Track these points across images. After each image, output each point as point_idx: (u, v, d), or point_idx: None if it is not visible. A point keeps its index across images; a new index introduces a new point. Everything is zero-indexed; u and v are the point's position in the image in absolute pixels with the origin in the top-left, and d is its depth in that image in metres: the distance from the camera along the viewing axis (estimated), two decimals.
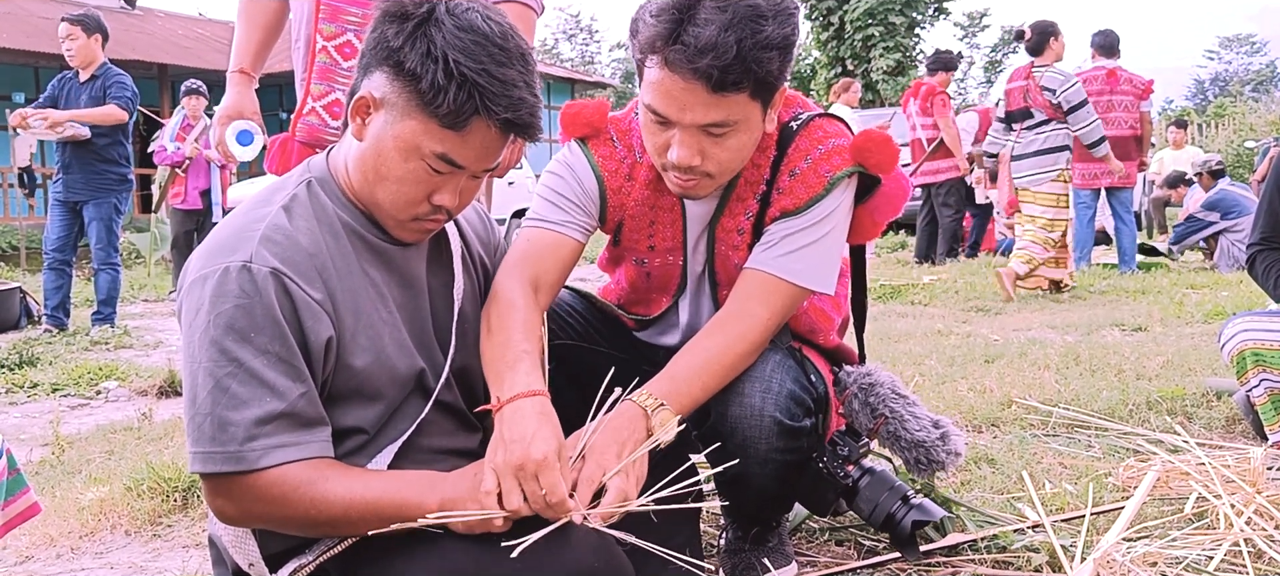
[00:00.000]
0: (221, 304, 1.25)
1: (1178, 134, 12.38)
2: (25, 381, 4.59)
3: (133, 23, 18.20)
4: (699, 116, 1.48)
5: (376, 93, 1.32)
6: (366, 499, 1.28)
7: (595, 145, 1.75)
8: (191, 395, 1.26)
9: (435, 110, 1.27)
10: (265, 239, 1.29)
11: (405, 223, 1.38)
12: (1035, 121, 6.42)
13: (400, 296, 1.43)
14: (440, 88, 1.26)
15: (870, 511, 1.71)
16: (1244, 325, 2.52)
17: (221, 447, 1.23)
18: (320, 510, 1.28)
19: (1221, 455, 2.27)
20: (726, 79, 1.44)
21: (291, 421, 1.26)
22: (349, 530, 1.33)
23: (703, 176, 1.57)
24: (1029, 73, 6.46)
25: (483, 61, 1.27)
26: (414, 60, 1.27)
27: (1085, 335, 4.66)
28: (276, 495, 1.26)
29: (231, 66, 2.28)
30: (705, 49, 1.41)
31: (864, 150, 1.66)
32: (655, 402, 1.46)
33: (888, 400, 1.80)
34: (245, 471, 1.24)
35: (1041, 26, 6.51)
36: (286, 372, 1.26)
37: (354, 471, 1.32)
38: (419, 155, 1.31)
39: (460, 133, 1.29)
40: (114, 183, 6.10)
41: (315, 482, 1.27)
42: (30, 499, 1.55)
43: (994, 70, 29.08)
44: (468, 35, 1.27)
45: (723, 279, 1.76)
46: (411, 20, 1.29)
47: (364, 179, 1.36)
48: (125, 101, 5.98)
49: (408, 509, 1.29)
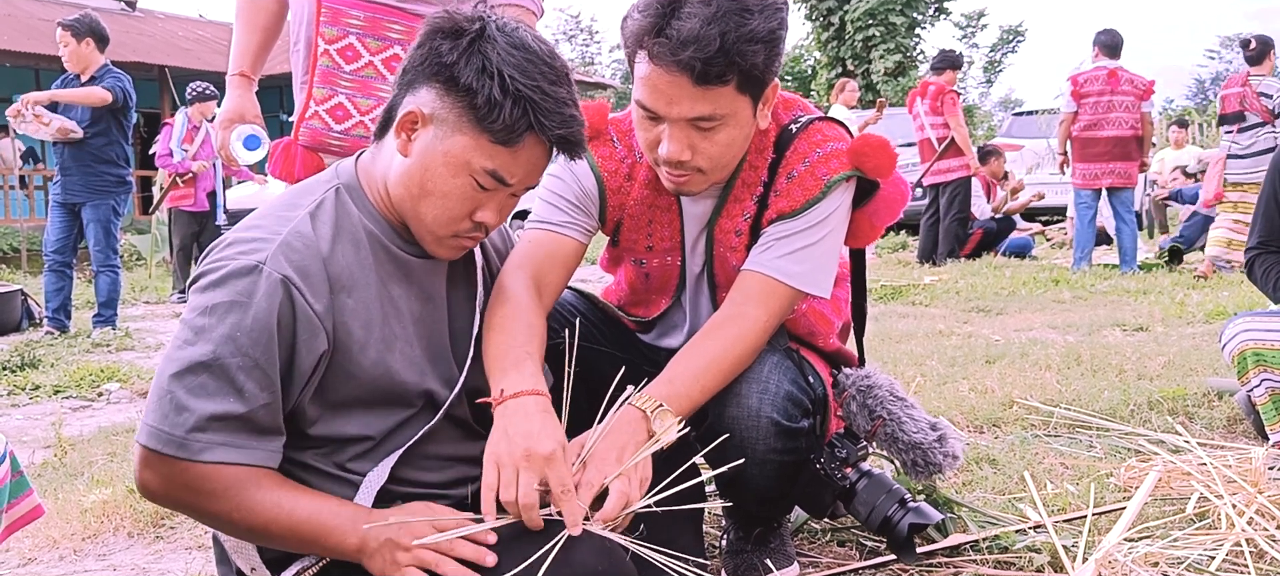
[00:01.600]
0: (222, 296, 1.26)
1: (1179, 133, 12.37)
2: (27, 383, 4.60)
3: (132, 24, 18.20)
4: (686, 110, 1.50)
5: (425, 108, 1.32)
6: (291, 517, 1.29)
7: (595, 146, 1.76)
8: (164, 366, 1.27)
9: (489, 126, 1.28)
10: (285, 244, 1.30)
11: (445, 239, 1.38)
12: (1249, 125, 6.93)
13: (418, 310, 1.43)
14: (496, 103, 1.27)
15: (867, 514, 1.71)
16: (1245, 325, 2.53)
17: (169, 428, 1.24)
18: (242, 515, 1.28)
19: (1223, 455, 2.27)
20: (710, 71, 1.45)
21: (244, 425, 1.26)
22: (267, 542, 1.34)
23: (694, 172, 1.58)
24: (1245, 80, 7.01)
25: (536, 79, 1.29)
26: (469, 76, 1.28)
27: (1086, 335, 4.66)
28: (205, 489, 1.26)
29: (231, 70, 2.27)
30: (688, 41, 1.43)
31: (861, 154, 1.67)
32: (655, 404, 1.47)
33: (885, 402, 1.80)
34: (183, 458, 1.24)
35: (1264, 39, 7.04)
36: (258, 380, 1.26)
37: (288, 485, 1.32)
38: (469, 171, 1.31)
39: (512, 149, 1.30)
40: (112, 184, 6.08)
41: (245, 487, 1.27)
42: (33, 501, 1.55)
43: (993, 70, 29.04)
44: (521, 53, 1.29)
45: (722, 281, 1.77)
46: (465, 36, 1.30)
47: (408, 194, 1.35)
48: (113, 86, 5.93)
49: (329, 536, 1.30)
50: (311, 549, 1.32)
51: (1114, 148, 7.45)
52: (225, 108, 2.25)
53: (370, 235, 1.38)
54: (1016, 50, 28.71)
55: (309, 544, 1.32)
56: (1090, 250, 7.74)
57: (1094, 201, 7.67)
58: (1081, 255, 7.64)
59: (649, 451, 1.40)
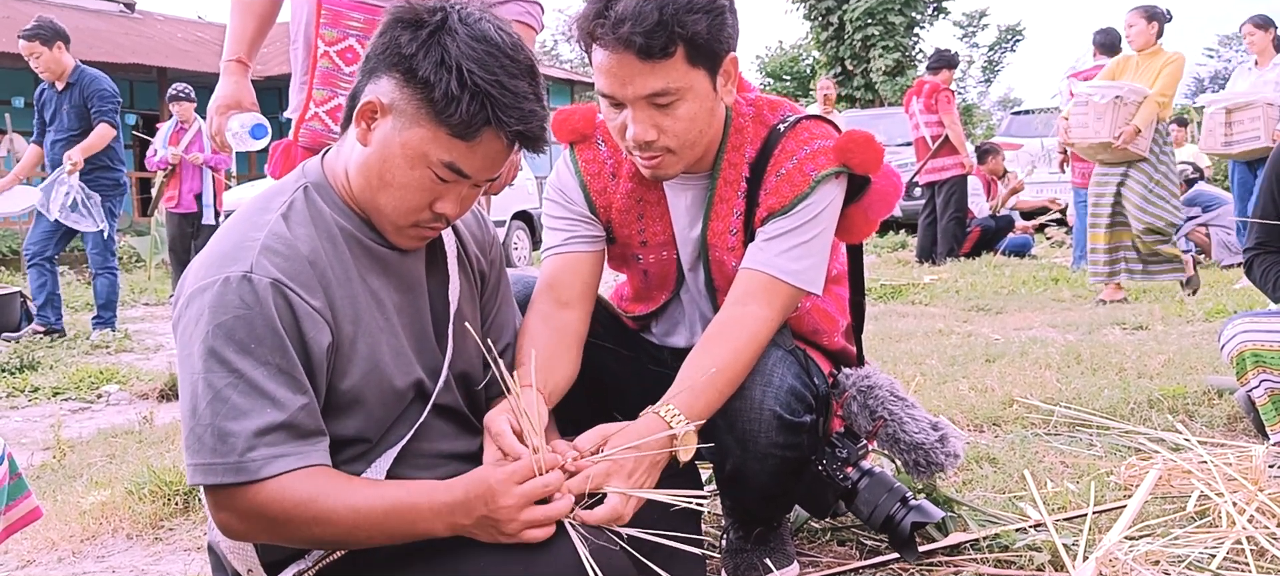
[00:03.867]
0: (222, 314, 1.24)
1: (1178, 132, 12.36)
2: (26, 385, 4.60)
3: (131, 26, 18.20)
4: (640, 88, 1.54)
5: (384, 98, 1.31)
6: (371, 513, 1.27)
7: (581, 150, 1.80)
8: (191, 406, 1.24)
9: (447, 119, 1.27)
10: (266, 249, 1.28)
11: (404, 229, 1.37)
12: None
13: (400, 301, 1.42)
14: (453, 97, 1.26)
15: (869, 513, 1.72)
16: (1243, 326, 2.53)
17: (222, 458, 1.22)
18: (324, 526, 1.27)
19: (1223, 453, 2.27)
20: (653, 44, 1.49)
21: (291, 432, 1.25)
22: (353, 544, 1.32)
23: (664, 152, 1.61)
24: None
25: (495, 72, 1.27)
26: (427, 68, 1.27)
27: (1086, 334, 4.66)
28: (279, 511, 1.24)
29: (226, 55, 2.20)
30: (625, 17, 1.48)
31: (848, 150, 1.69)
32: (681, 422, 1.48)
33: (886, 402, 1.80)
34: (246, 482, 1.22)
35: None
36: (286, 384, 1.25)
37: (357, 483, 1.30)
38: (426, 163, 1.30)
39: (469, 142, 1.29)
40: (107, 187, 6.03)
41: (318, 499, 1.25)
42: (31, 503, 1.55)
43: (992, 70, 29.06)
44: (481, 45, 1.28)
45: (720, 283, 1.78)
46: (425, 27, 1.28)
47: (366, 184, 1.35)
48: (109, 115, 5.87)
49: (417, 523, 1.28)
50: (404, 539, 1.30)
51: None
52: (220, 94, 2.18)
53: (343, 231, 1.37)
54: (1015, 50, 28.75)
55: (399, 537, 1.30)
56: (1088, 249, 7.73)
57: None
58: (1081, 254, 7.63)
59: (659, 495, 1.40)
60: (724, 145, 1.71)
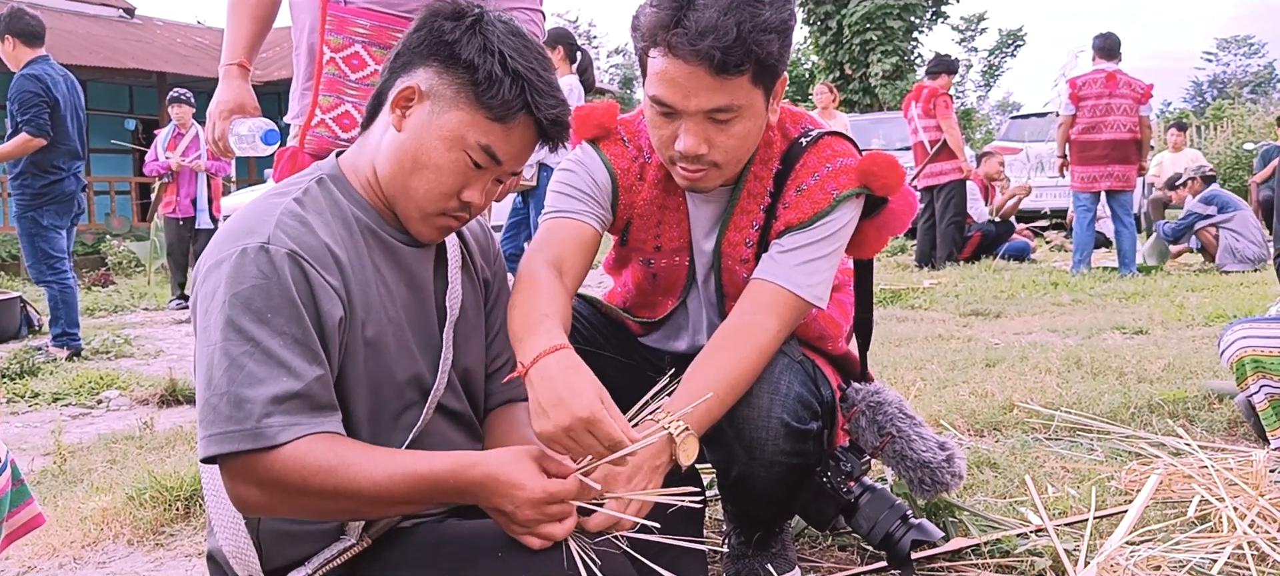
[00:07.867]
0: (239, 284, 1.24)
1: (1177, 136, 12.38)
2: (26, 391, 4.59)
3: (131, 32, 18.21)
4: (703, 101, 1.52)
5: (422, 85, 1.35)
6: (391, 482, 1.24)
7: (606, 145, 1.79)
8: (207, 377, 1.24)
9: (487, 101, 1.32)
10: (282, 224, 1.29)
11: (431, 216, 1.38)
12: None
13: (407, 297, 1.43)
14: (496, 79, 1.32)
15: (869, 529, 1.73)
16: (1243, 331, 2.53)
17: (238, 425, 1.20)
18: (350, 501, 1.25)
19: (1224, 458, 2.28)
20: (728, 61, 1.47)
21: (306, 403, 1.24)
22: (369, 514, 1.32)
23: (710, 166, 1.60)
24: None
25: (532, 62, 1.35)
26: (470, 51, 1.33)
27: (1086, 338, 4.66)
28: (297, 479, 1.22)
29: (226, 60, 2.18)
30: (706, 31, 1.46)
31: (870, 173, 1.68)
32: (681, 429, 1.46)
33: (895, 419, 1.81)
34: (264, 448, 1.21)
35: None
36: (303, 355, 1.25)
37: (376, 452, 1.28)
38: (463, 146, 1.34)
39: (506, 126, 1.34)
40: (28, 198, 5.49)
41: (337, 468, 1.23)
42: (34, 510, 1.55)
43: (992, 74, 29.09)
44: (517, 38, 1.36)
45: (730, 291, 1.77)
46: (466, 18, 1.36)
47: (399, 168, 1.36)
48: (28, 124, 5.31)
49: (453, 479, 1.26)
50: (428, 498, 1.29)
51: (1112, 151, 7.46)
52: (221, 98, 2.15)
53: (359, 221, 1.39)
54: (1015, 54, 28.78)
55: (417, 508, 1.31)
56: (1089, 253, 7.75)
57: (1093, 204, 7.68)
58: (1080, 258, 7.65)
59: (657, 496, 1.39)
60: (752, 159, 1.70)
